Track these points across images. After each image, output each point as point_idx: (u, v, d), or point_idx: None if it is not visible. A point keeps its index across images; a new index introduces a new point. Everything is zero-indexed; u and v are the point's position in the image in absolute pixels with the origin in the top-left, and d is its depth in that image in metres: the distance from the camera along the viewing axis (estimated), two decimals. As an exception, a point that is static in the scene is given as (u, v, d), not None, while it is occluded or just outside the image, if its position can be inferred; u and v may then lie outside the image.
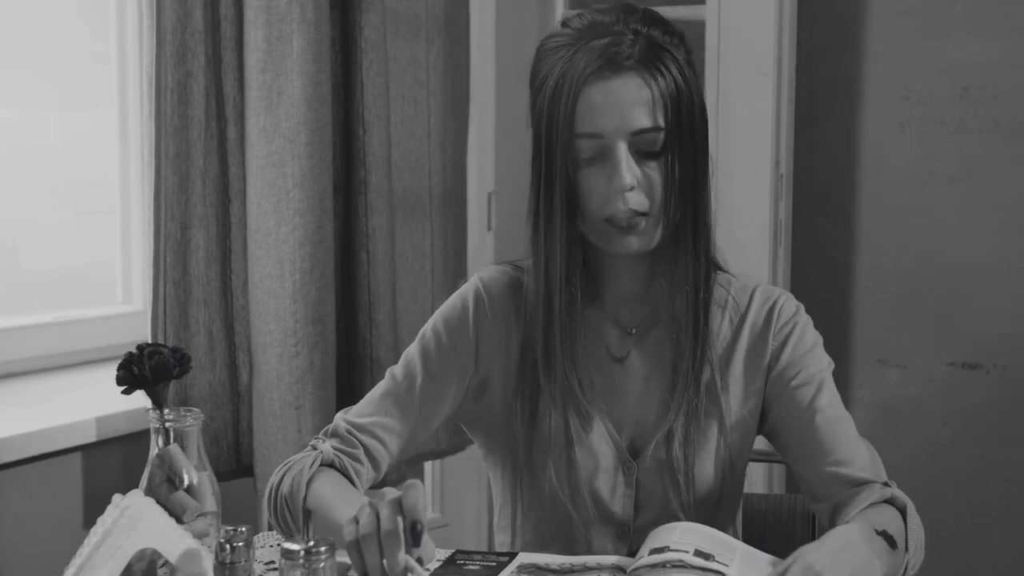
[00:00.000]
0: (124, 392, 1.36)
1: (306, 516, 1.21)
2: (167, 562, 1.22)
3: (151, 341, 1.82)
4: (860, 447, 1.50)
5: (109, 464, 1.93)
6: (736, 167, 2.80)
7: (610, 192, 1.42)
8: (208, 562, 1.22)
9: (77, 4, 2.22)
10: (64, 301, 2.19)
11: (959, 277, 2.91)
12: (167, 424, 1.33)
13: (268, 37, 2.02)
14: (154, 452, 1.34)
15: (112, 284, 2.27)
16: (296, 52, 2.03)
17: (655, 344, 1.55)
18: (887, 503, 1.42)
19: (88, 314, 2.21)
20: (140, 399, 1.37)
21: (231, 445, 2.11)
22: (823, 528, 1.49)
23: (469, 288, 1.58)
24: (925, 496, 1.89)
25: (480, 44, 2.73)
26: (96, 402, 1.94)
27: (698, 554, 1.30)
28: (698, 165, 1.45)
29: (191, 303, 2.02)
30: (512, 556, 1.46)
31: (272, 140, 2.03)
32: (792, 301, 1.58)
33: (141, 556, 1.22)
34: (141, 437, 1.62)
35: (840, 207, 3.00)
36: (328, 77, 2.10)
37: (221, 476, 1.65)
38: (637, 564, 1.33)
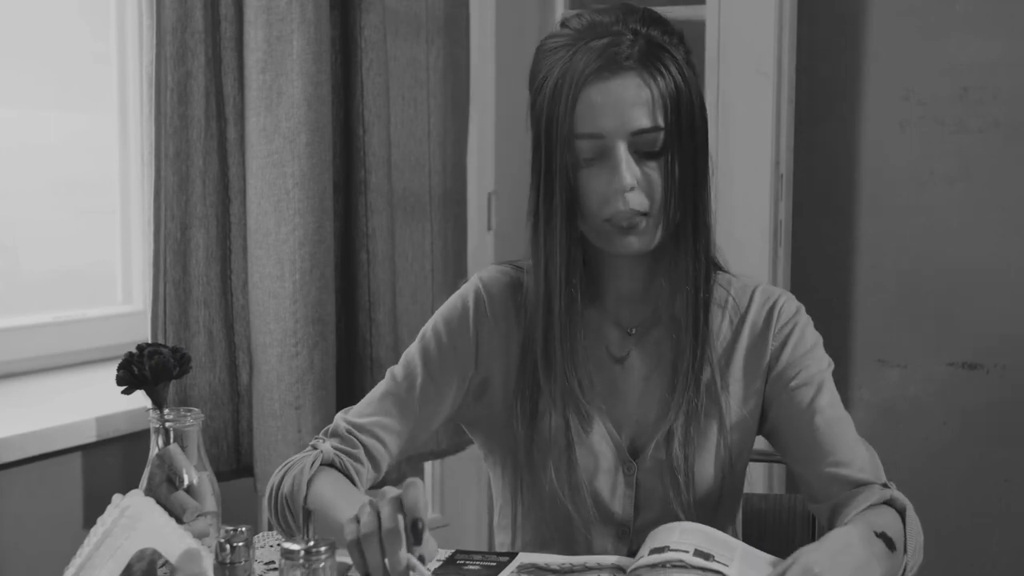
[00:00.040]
0: (124, 392, 1.36)
1: (306, 516, 1.20)
2: (167, 562, 1.22)
3: (151, 341, 1.83)
4: (859, 448, 1.49)
5: (109, 464, 1.93)
6: (736, 167, 2.80)
7: (610, 192, 1.42)
8: (208, 562, 1.22)
9: (77, 4, 2.22)
10: (64, 301, 2.19)
11: (959, 277, 2.91)
12: (167, 424, 1.33)
13: (268, 37, 2.02)
14: (154, 452, 1.34)
15: (112, 284, 2.27)
16: (296, 52, 2.03)
17: (655, 344, 1.55)
18: (886, 504, 1.42)
19: (88, 314, 2.21)
20: (140, 399, 1.37)
21: (231, 445, 2.11)
22: (823, 528, 1.49)
23: (469, 288, 1.58)
24: (925, 496, 1.89)
25: (480, 44, 2.73)
26: (96, 402, 1.94)
27: (698, 554, 1.30)
28: (698, 165, 1.45)
29: (191, 303, 2.02)
30: (512, 556, 1.46)
31: (272, 140, 2.03)
32: (792, 301, 1.57)
33: (141, 556, 1.22)
34: (141, 437, 1.62)
35: (840, 207, 3.00)
36: (328, 77, 2.10)
37: (221, 476, 1.66)
38: (637, 564, 1.33)
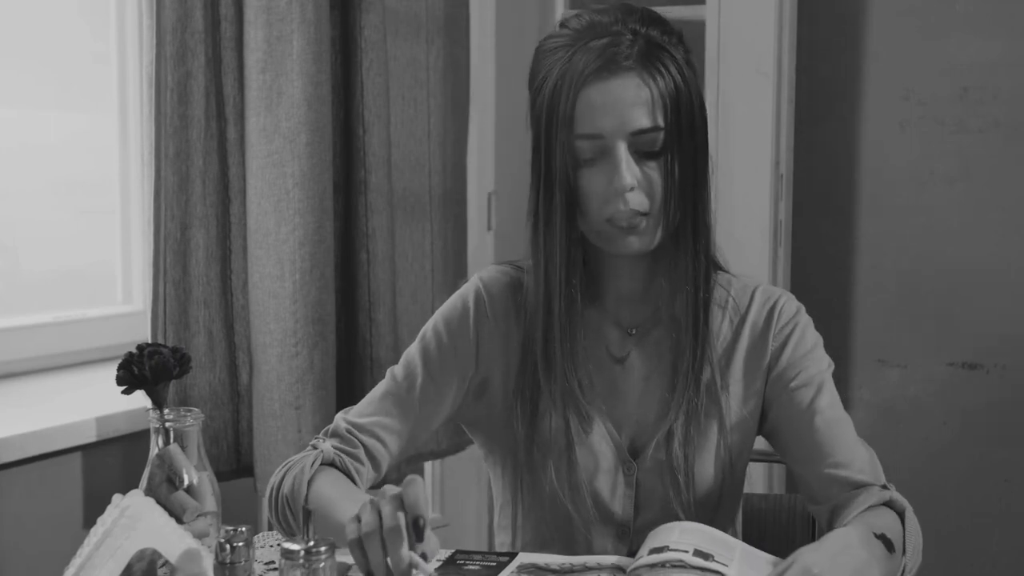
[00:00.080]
0: (124, 392, 1.36)
1: (306, 516, 1.20)
2: (167, 562, 1.22)
3: (151, 341, 1.83)
4: (859, 449, 1.49)
5: (109, 464, 1.93)
6: (736, 167, 2.80)
7: (610, 192, 1.42)
8: (208, 562, 1.22)
9: (77, 4, 2.22)
10: (64, 301, 2.19)
11: (959, 277, 2.91)
12: (167, 424, 1.33)
13: (268, 37, 2.02)
14: (154, 452, 1.34)
15: (112, 284, 2.27)
16: (296, 52, 2.03)
17: (655, 344, 1.55)
18: (886, 506, 1.41)
19: (88, 314, 2.21)
20: (140, 399, 1.37)
21: (231, 445, 2.11)
22: (822, 529, 1.49)
23: (469, 288, 1.58)
24: (925, 496, 1.90)
25: (480, 44, 2.73)
26: (96, 402, 1.94)
27: (697, 554, 1.30)
28: (698, 165, 1.45)
29: (191, 303, 2.02)
30: (512, 556, 1.46)
31: (272, 140, 2.03)
32: (793, 302, 1.57)
33: (141, 556, 1.22)
34: (141, 437, 1.62)
35: (840, 207, 3.00)
36: (328, 77, 2.10)
37: (221, 476, 1.66)
38: (636, 564, 1.33)
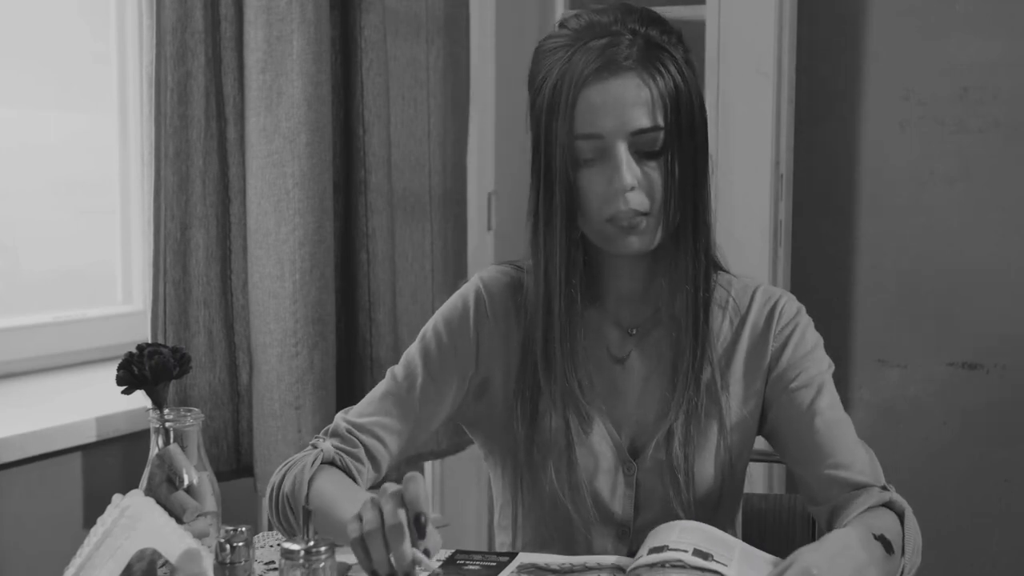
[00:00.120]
0: (124, 392, 1.36)
1: (306, 516, 1.20)
2: (167, 562, 1.22)
3: (151, 341, 1.83)
4: (859, 450, 1.49)
5: (109, 464, 1.93)
6: (736, 167, 2.80)
7: (611, 192, 1.42)
8: (208, 562, 1.22)
9: (77, 4, 2.22)
10: (64, 301, 2.19)
11: (959, 277, 2.91)
12: (167, 424, 1.33)
13: (268, 37, 2.02)
14: (154, 452, 1.34)
15: (112, 284, 2.27)
16: (296, 52, 2.03)
17: (655, 344, 1.55)
18: (885, 507, 1.41)
19: (88, 314, 2.21)
20: (140, 399, 1.37)
21: (231, 445, 2.11)
22: (821, 530, 1.49)
23: (470, 288, 1.58)
24: (925, 496, 1.90)
25: (480, 44, 2.73)
26: (96, 402, 1.94)
27: (697, 553, 1.30)
28: (698, 164, 1.45)
29: (191, 303, 2.02)
30: (512, 556, 1.46)
31: (272, 140, 2.03)
32: (793, 302, 1.57)
33: (141, 556, 1.22)
34: (141, 437, 1.62)
35: (840, 207, 3.00)
36: (328, 77, 2.10)
37: (221, 476, 1.66)
38: (636, 564, 1.33)
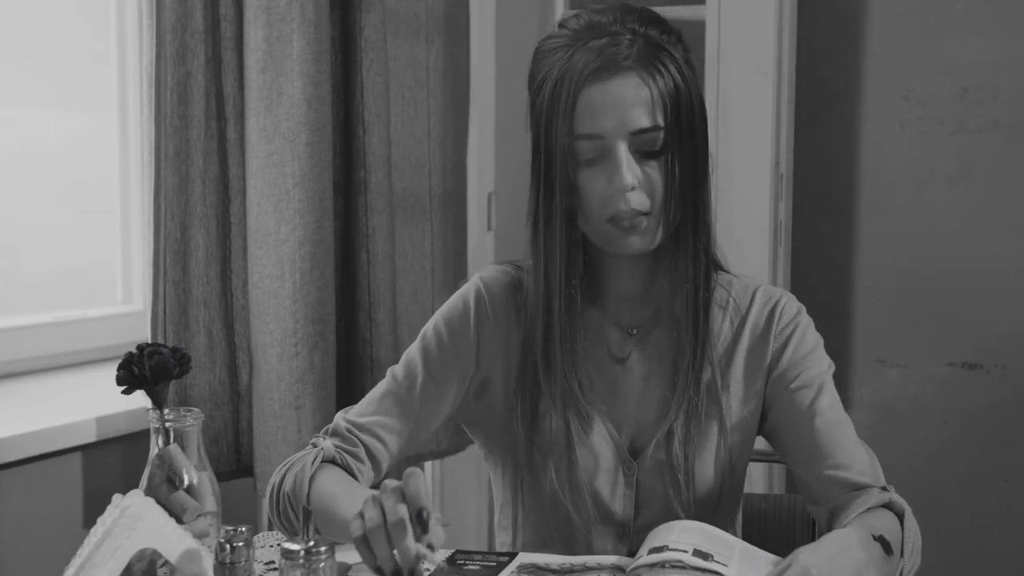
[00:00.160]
0: (124, 392, 1.36)
1: (306, 516, 1.20)
2: (167, 562, 1.22)
3: (151, 341, 1.83)
4: (859, 451, 1.49)
5: (109, 464, 1.93)
6: (736, 167, 2.80)
7: (611, 193, 1.42)
8: (208, 562, 1.22)
9: (77, 4, 2.22)
10: (64, 301, 2.19)
11: (959, 277, 2.91)
12: (167, 424, 1.33)
13: (268, 37, 2.02)
14: (154, 452, 1.34)
15: (112, 284, 2.27)
16: (296, 52, 2.03)
17: (656, 344, 1.55)
18: (885, 508, 1.41)
19: (88, 314, 2.21)
20: (140, 399, 1.37)
21: (231, 445, 2.11)
22: (821, 531, 1.49)
23: (470, 288, 1.58)
24: (925, 496, 1.90)
25: (480, 44, 2.73)
26: (96, 402, 1.94)
27: (697, 554, 1.30)
28: (698, 164, 1.45)
29: (191, 303, 2.02)
30: (512, 556, 1.46)
31: (272, 140, 2.03)
32: (794, 302, 1.57)
33: (141, 556, 1.22)
34: (141, 437, 1.62)
35: (840, 207, 3.00)
36: (328, 77, 2.10)
37: (221, 476, 1.66)
38: (636, 564, 1.32)
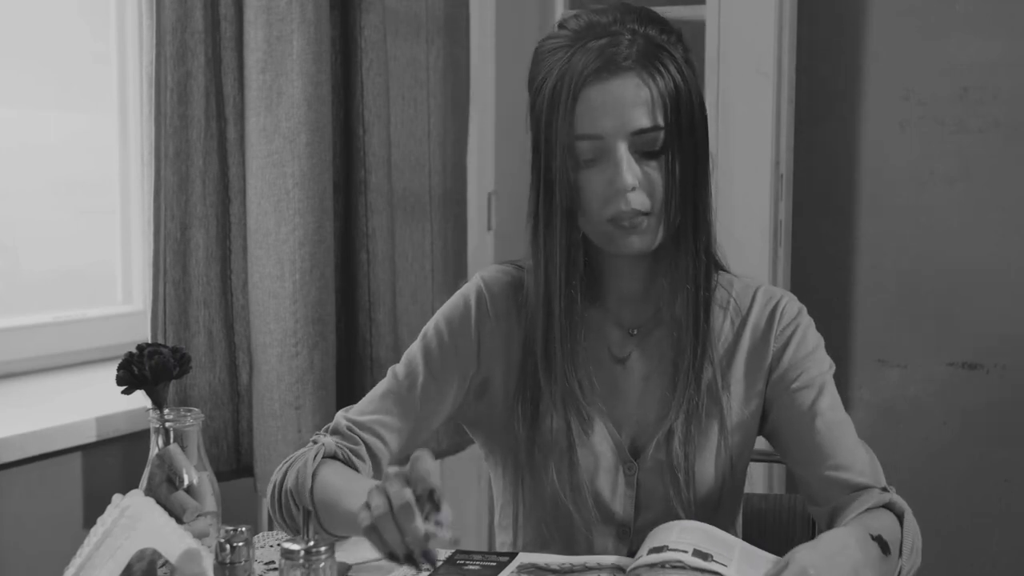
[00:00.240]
0: (124, 392, 1.36)
1: (306, 516, 1.20)
2: (167, 562, 1.22)
3: (151, 341, 1.83)
4: (860, 451, 1.49)
5: (109, 464, 1.93)
6: (736, 167, 2.80)
7: (611, 193, 1.42)
8: (208, 562, 1.22)
9: (77, 4, 2.22)
10: (64, 301, 2.19)
11: (959, 277, 2.91)
12: (167, 424, 1.33)
13: (268, 37, 2.02)
14: (154, 452, 1.34)
15: (112, 284, 2.27)
16: (296, 52, 2.03)
17: (657, 344, 1.54)
18: (885, 508, 1.41)
19: (88, 314, 2.21)
20: (140, 399, 1.37)
21: (231, 445, 2.11)
22: (821, 531, 1.48)
23: (471, 287, 1.58)
24: (925, 496, 1.90)
25: (480, 44, 2.73)
26: (96, 402, 1.94)
27: (696, 554, 1.30)
28: (698, 163, 1.45)
29: (191, 303, 2.02)
30: (512, 556, 1.46)
31: (272, 140, 2.03)
32: (794, 303, 1.57)
33: (141, 556, 1.22)
34: (141, 437, 1.62)
35: (840, 207, 3.00)
36: (328, 77, 2.10)
37: (221, 476, 1.66)
38: (636, 564, 1.32)
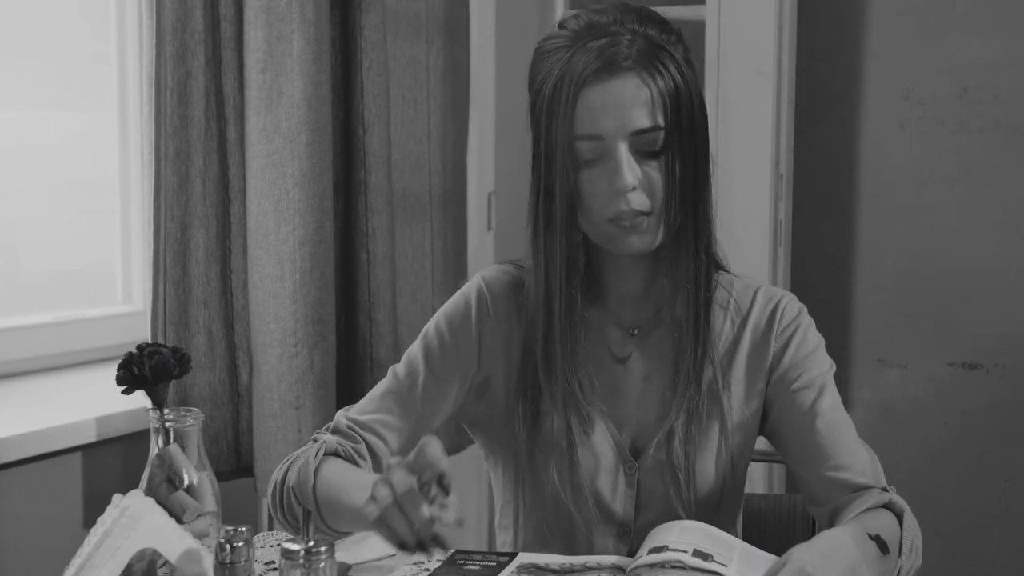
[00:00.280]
0: (124, 392, 1.36)
1: (306, 516, 1.20)
2: (167, 562, 1.22)
3: (151, 341, 1.83)
4: (860, 451, 1.49)
5: (109, 464, 1.93)
6: (736, 167, 2.80)
7: (612, 193, 1.42)
8: (208, 562, 1.22)
9: (77, 4, 2.22)
10: (64, 301, 2.19)
11: (959, 277, 2.91)
12: (167, 424, 1.33)
13: (268, 37, 2.02)
14: (154, 452, 1.34)
15: (112, 284, 2.27)
16: (296, 52, 2.03)
17: (657, 344, 1.54)
18: (884, 508, 1.41)
19: (88, 314, 2.21)
20: (140, 399, 1.37)
21: (231, 445, 2.11)
22: (822, 531, 1.48)
23: (472, 287, 1.58)
24: (925, 496, 1.90)
25: (480, 44, 2.73)
26: (96, 402, 1.94)
27: (696, 554, 1.30)
28: (699, 163, 1.45)
29: (191, 303, 2.02)
30: (512, 556, 1.46)
31: (272, 140, 2.03)
32: (795, 303, 1.57)
33: (141, 556, 1.22)
34: (141, 437, 1.62)
35: (840, 207, 3.00)
36: (328, 77, 2.10)
37: (221, 476, 1.66)
38: (636, 564, 1.33)
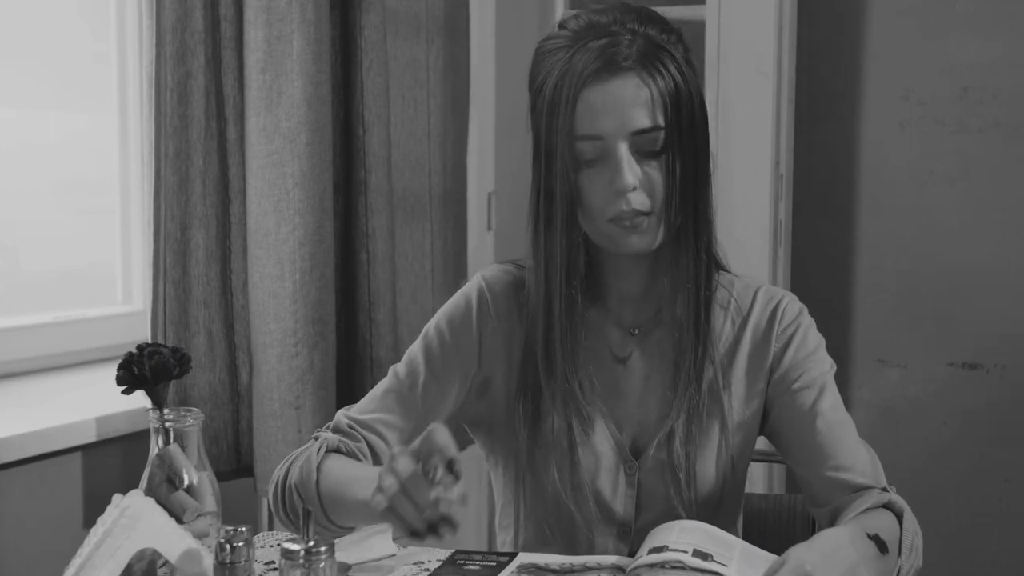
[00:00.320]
0: (124, 392, 1.36)
1: (306, 516, 1.20)
2: (167, 562, 1.22)
3: (151, 341, 1.83)
4: (861, 452, 1.49)
5: (109, 464, 1.93)
6: (736, 167, 2.80)
7: (612, 193, 1.42)
8: (208, 562, 1.22)
9: (77, 4, 2.22)
10: (64, 301, 2.19)
11: (959, 277, 2.91)
12: (167, 424, 1.33)
13: (268, 37, 2.02)
14: (154, 452, 1.34)
15: (112, 284, 2.27)
16: (296, 52, 2.03)
17: (657, 344, 1.54)
18: (884, 508, 1.41)
19: (88, 314, 2.21)
20: (140, 399, 1.37)
21: (231, 445, 2.11)
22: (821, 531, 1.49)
23: (472, 287, 1.58)
24: (925, 496, 1.90)
25: (480, 44, 2.73)
26: (96, 402, 1.94)
27: (696, 554, 1.30)
28: (699, 163, 1.45)
29: (191, 303, 2.02)
30: (512, 556, 1.46)
31: (272, 140, 2.03)
32: (795, 303, 1.57)
33: (141, 556, 1.22)
34: (141, 437, 1.62)
35: (840, 207, 3.00)
36: (328, 77, 2.10)
37: (221, 476, 1.66)
38: (636, 564, 1.33)
